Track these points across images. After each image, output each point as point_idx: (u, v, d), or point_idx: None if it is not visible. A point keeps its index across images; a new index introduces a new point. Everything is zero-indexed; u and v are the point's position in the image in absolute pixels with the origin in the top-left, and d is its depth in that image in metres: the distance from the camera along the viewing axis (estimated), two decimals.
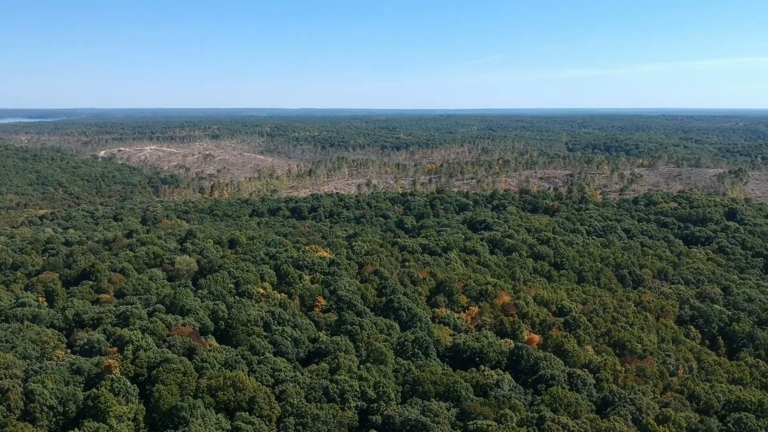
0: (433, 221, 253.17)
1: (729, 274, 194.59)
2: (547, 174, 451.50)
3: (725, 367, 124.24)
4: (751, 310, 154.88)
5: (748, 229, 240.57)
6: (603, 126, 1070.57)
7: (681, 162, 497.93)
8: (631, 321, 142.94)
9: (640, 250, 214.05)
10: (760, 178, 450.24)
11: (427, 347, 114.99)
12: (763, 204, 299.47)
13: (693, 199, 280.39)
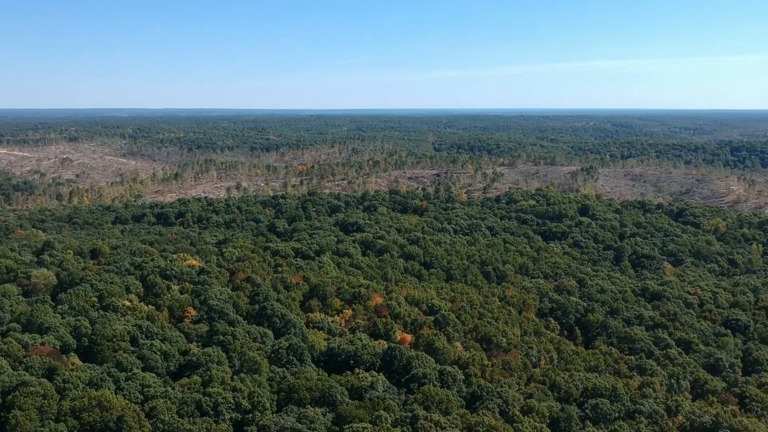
0: (305, 224, 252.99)
1: (583, 267, 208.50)
2: (416, 174, 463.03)
3: (582, 356, 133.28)
4: (603, 300, 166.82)
5: (599, 223, 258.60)
6: (467, 126, 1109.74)
7: (538, 160, 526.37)
8: (496, 316, 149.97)
9: (503, 246, 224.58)
10: (609, 174, 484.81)
11: (301, 353, 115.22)
12: (612, 200, 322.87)
13: (549, 197, 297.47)
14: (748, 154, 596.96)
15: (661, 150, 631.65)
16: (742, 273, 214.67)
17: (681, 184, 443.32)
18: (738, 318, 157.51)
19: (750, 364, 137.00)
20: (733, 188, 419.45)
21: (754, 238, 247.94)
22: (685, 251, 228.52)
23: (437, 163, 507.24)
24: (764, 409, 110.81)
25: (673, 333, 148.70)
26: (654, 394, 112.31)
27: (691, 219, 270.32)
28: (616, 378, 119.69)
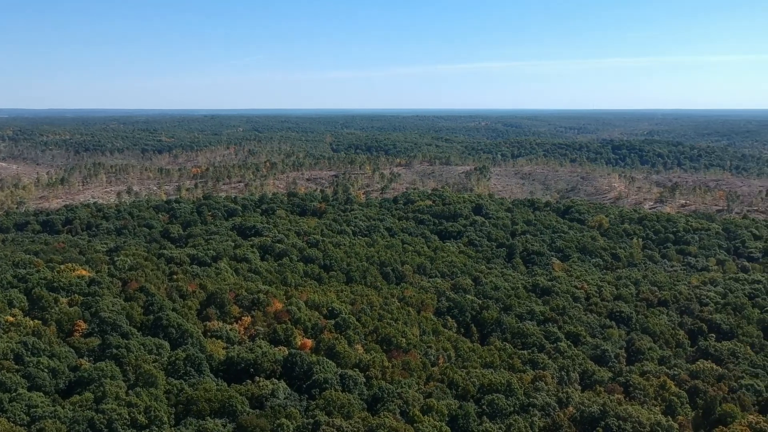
0: (201, 229, 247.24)
1: (478, 265, 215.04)
2: (314, 175, 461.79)
3: (478, 353, 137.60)
4: (497, 297, 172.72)
5: (492, 222, 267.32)
6: (364, 126, 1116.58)
7: (434, 161, 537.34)
8: (395, 317, 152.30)
9: (402, 247, 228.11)
10: (500, 173, 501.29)
11: (199, 364, 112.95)
12: (504, 199, 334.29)
13: (445, 197, 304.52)
14: (628, 152, 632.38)
15: (549, 149, 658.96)
16: (624, 266, 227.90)
17: (567, 182, 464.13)
18: (621, 310, 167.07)
19: (633, 354, 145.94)
20: (614, 185, 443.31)
21: (634, 232, 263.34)
22: (572, 247, 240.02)
23: (335, 164, 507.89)
24: (646, 396, 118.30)
25: (562, 327, 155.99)
26: (546, 387, 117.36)
27: (576, 216, 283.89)
28: (511, 373, 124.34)
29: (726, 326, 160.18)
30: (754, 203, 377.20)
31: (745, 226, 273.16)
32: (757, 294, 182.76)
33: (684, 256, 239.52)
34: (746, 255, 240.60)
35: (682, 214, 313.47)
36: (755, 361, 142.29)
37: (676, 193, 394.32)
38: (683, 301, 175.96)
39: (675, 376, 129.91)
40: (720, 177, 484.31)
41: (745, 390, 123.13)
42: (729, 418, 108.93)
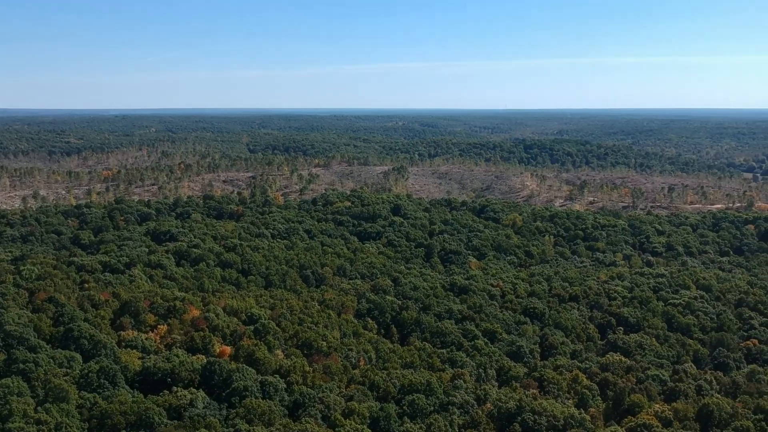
0: (113, 235, 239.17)
1: (397, 266, 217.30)
2: (231, 177, 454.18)
3: (399, 354, 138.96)
4: (416, 297, 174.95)
5: (411, 222, 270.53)
6: (281, 126, 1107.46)
7: (352, 161, 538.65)
8: (316, 320, 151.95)
9: (321, 249, 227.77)
10: (418, 173, 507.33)
11: (114, 376, 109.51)
12: (421, 199, 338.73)
13: (364, 198, 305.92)
14: (540, 152, 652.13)
15: (464, 149, 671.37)
16: (538, 263, 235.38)
17: (482, 181, 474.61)
18: (535, 306, 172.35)
19: (547, 349, 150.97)
20: (527, 184, 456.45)
21: (546, 230, 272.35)
22: (488, 245, 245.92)
23: (252, 165, 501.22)
24: (560, 390, 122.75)
25: (479, 324, 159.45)
26: (465, 385, 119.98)
27: (491, 215, 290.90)
28: (430, 372, 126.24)
29: (633, 319, 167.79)
30: (657, 199, 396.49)
31: (649, 222, 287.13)
32: (661, 287, 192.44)
33: (593, 252, 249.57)
34: (650, 250, 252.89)
35: (590, 212, 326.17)
36: (660, 351, 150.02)
37: (584, 190, 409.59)
38: (593, 296, 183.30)
39: (586, 369, 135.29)
40: (625, 174, 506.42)
41: (651, 380, 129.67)
42: (637, 408, 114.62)
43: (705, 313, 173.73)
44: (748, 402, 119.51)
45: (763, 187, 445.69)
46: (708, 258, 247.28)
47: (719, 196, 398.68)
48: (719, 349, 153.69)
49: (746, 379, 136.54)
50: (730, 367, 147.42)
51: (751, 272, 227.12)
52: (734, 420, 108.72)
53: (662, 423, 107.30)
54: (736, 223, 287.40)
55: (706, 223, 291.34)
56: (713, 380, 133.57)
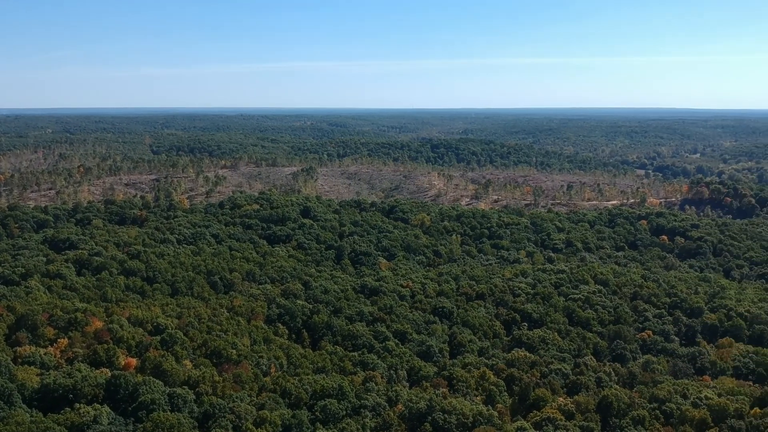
0: (6, 244, 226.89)
1: (308, 269, 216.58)
2: (133, 180, 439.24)
3: (310, 358, 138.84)
4: (327, 301, 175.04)
5: (321, 224, 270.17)
6: (186, 126, 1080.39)
7: (260, 162, 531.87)
8: (225, 328, 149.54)
9: (229, 254, 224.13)
10: (327, 174, 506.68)
11: (9, 395, 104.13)
12: (331, 200, 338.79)
13: (273, 200, 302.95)
14: (446, 151, 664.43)
15: (373, 148, 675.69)
16: (445, 262, 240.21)
17: (391, 181, 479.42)
18: (444, 305, 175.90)
19: (455, 347, 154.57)
20: (434, 183, 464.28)
21: (453, 229, 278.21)
22: (397, 246, 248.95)
23: (156, 167, 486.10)
24: (469, 388, 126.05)
25: (390, 325, 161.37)
26: (376, 387, 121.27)
27: (400, 215, 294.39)
28: (342, 376, 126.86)
29: (536, 315, 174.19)
30: (557, 197, 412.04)
31: (550, 220, 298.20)
32: (562, 283, 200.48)
33: (498, 250, 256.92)
34: (551, 246, 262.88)
35: (495, 210, 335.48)
36: (562, 346, 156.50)
37: (489, 189, 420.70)
38: (498, 294, 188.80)
39: (493, 366, 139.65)
40: (527, 173, 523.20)
41: (554, 374, 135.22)
42: (542, 402, 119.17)
43: (603, 306, 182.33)
44: (643, 391, 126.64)
45: (654, 184, 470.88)
46: (605, 253, 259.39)
47: (614, 193, 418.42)
48: (617, 341, 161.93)
49: (642, 369, 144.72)
50: (627, 358, 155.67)
51: (645, 266, 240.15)
52: (631, 410, 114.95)
53: (565, 416, 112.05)
54: (630, 219, 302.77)
55: (602, 220, 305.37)
56: (612, 372, 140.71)
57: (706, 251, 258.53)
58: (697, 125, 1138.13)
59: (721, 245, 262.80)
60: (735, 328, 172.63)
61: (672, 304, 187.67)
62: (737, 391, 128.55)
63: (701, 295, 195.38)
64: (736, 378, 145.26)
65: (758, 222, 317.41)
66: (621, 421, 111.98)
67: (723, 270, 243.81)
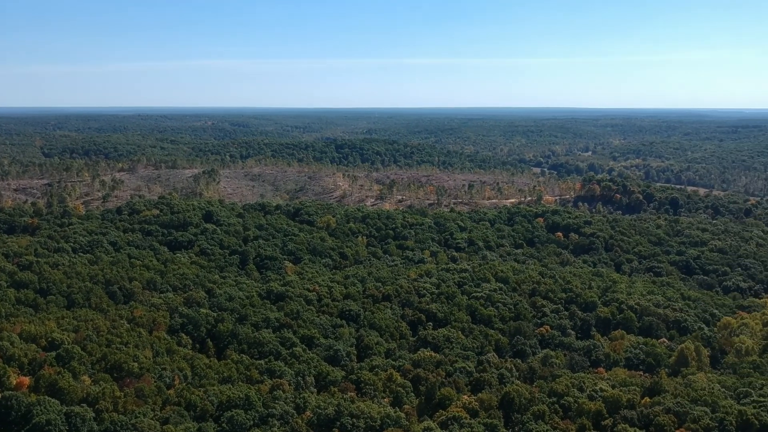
0: None
1: (211, 275, 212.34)
2: (23, 185, 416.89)
3: (215, 368, 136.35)
4: (232, 308, 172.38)
5: (224, 229, 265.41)
6: (80, 127, 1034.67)
7: (159, 164, 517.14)
8: (125, 340, 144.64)
9: (128, 262, 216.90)
10: (230, 175, 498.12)
11: None
12: (235, 203, 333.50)
13: (173, 204, 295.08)
14: (351, 151, 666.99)
15: (277, 149, 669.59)
16: (352, 264, 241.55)
17: (296, 182, 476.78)
18: (351, 308, 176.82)
19: (363, 350, 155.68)
20: (339, 184, 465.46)
21: (359, 231, 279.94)
22: (303, 249, 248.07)
23: (48, 171, 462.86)
24: (376, 391, 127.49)
25: (297, 331, 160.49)
26: (284, 395, 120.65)
27: (306, 217, 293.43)
28: (249, 385, 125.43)
29: (441, 314, 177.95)
30: (459, 196, 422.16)
31: (453, 219, 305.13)
32: (465, 282, 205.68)
33: (403, 251, 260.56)
34: (454, 246, 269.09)
35: (399, 211, 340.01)
36: (466, 344, 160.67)
37: (393, 189, 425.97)
38: (404, 294, 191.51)
39: (400, 367, 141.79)
40: (430, 173, 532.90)
41: (459, 373, 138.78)
42: (447, 401, 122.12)
43: (504, 304, 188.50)
44: (543, 386, 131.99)
45: (550, 182, 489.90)
46: (505, 251, 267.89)
47: (513, 191, 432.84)
48: (517, 337, 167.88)
49: (541, 364, 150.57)
50: (527, 353, 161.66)
51: (542, 262, 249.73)
52: (532, 405, 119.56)
53: (470, 414, 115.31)
54: (528, 217, 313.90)
55: (502, 218, 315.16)
56: (513, 368, 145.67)
57: (598, 247, 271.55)
58: (588, 124, 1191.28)
59: (612, 241, 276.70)
60: (626, 320, 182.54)
61: (568, 299, 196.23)
62: (629, 381, 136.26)
63: (594, 290, 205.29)
64: (628, 368, 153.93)
65: (645, 217, 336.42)
66: (523, 417, 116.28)
67: (614, 264, 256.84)
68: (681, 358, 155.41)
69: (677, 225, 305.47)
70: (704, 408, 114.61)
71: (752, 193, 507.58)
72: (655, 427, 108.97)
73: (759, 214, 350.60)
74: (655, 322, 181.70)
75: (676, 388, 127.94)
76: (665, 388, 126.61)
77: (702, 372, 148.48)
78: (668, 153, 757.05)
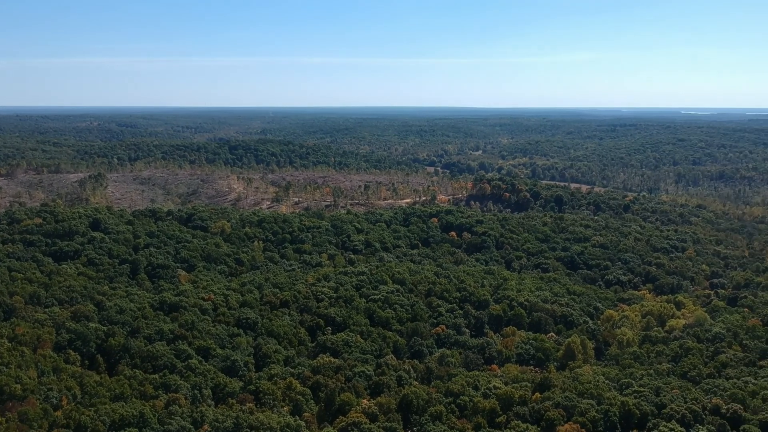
0: None
1: (100, 287, 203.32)
2: None
3: (107, 386, 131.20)
4: (123, 321, 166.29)
5: (113, 237, 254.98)
6: None
7: (41, 168, 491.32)
8: (7, 360, 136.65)
9: (9, 275, 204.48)
10: (118, 180, 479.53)
11: None
12: (124, 210, 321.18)
13: (58, 213, 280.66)
14: (245, 152, 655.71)
15: (167, 151, 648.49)
16: (248, 270, 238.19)
17: (188, 186, 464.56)
18: (248, 317, 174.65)
19: (261, 359, 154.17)
20: (234, 186, 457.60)
21: (255, 235, 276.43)
22: (197, 256, 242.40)
23: None
24: (276, 401, 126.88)
25: (192, 342, 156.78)
26: (180, 410, 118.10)
27: (199, 223, 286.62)
28: (143, 402, 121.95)
29: (339, 318, 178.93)
30: (356, 197, 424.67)
31: (350, 221, 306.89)
32: (363, 284, 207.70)
33: (300, 255, 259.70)
34: (352, 248, 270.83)
35: (296, 213, 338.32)
36: (364, 347, 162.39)
37: (290, 191, 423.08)
38: (302, 300, 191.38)
39: (299, 374, 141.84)
40: (326, 173, 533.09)
41: (358, 377, 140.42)
42: (347, 406, 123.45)
43: (401, 305, 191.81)
44: (440, 386, 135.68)
45: (443, 181, 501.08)
46: (401, 252, 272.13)
47: (408, 192, 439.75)
48: (414, 338, 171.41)
49: (438, 364, 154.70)
50: (424, 353, 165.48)
51: (437, 262, 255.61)
52: (430, 406, 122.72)
53: (369, 418, 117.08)
54: (422, 217, 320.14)
55: (398, 219, 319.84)
56: (411, 369, 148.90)
57: (489, 245, 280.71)
58: (478, 124, 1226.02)
59: (502, 239, 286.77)
60: (517, 317, 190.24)
61: (462, 298, 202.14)
62: (521, 377, 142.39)
63: (487, 288, 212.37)
64: (520, 364, 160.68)
65: (533, 215, 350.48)
66: (421, 418, 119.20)
67: (505, 262, 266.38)
68: (568, 352, 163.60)
69: (562, 222, 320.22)
70: (590, 401, 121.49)
71: (630, 188, 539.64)
72: (546, 421, 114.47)
73: (636, 209, 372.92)
74: (544, 318, 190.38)
75: (564, 382, 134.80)
76: (554, 383, 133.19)
77: (588, 365, 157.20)
78: (553, 152, 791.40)
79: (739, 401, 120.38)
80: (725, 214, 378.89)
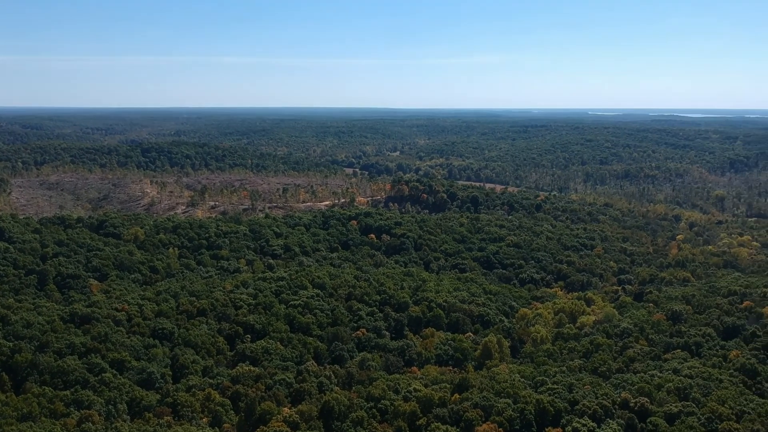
0: None
1: (5, 300, 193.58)
2: None
3: (13, 405, 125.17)
4: (31, 335, 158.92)
5: (18, 246, 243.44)
6: None
7: None
8: None
9: None
10: (23, 185, 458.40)
11: None
12: (30, 217, 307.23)
13: None
14: (158, 155, 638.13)
15: (76, 154, 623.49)
16: (163, 278, 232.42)
17: (99, 190, 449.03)
18: (164, 327, 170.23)
19: (178, 370, 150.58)
20: (147, 191, 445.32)
21: (170, 242, 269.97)
22: (110, 265, 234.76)
23: None
24: (194, 413, 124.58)
25: (106, 355, 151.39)
26: (94, 427, 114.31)
27: (111, 230, 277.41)
28: (53, 420, 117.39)
29: (259, 326, 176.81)
30: (274, 200, 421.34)
31: (268, 225, 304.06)
32: (282, 290, 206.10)
33: (218, 261, 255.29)
34: (271, 253, 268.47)
35: (213, 219, 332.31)
36: (285, 354, 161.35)
37: (206, 195, 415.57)
38: (220, 308, 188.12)
39: (219, 385, 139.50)
40: (243, 176, 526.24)
41: (278, 385, 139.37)
42: (268, 415, 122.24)
43: (321, 310, 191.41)
44: (361, 391, 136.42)
45: (362, 183, 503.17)
46: (321, 255, 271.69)
47: (327, 194, 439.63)
48: (335, 343, 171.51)
49: (358, 368, 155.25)
50: (345, 358, 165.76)
51: (357, 265, 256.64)
52: (351, 411, 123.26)
53: (291, 427, 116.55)
54: (342, 220, 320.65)
55: (317, 222, 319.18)
56: (332, 374, 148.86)
57: (408, 247, 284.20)
58: (396, 125, 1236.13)
59: (420, 240, 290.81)
60: (436, 318, 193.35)
61: (382, 301, 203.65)
62: (440, 378, 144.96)
63: (406, 290, 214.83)
64: (439, 365, 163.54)
65: (450, 216, 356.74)
66: (342, 424, 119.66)
67: (423, 263, 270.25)
68: (485, 351, 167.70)
69: (478, 222, 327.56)
70: (507, 400, 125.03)
71: (541, 188, 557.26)
72: (465, 422, 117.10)
73: (548, 209, 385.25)
74: (462, 318, 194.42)
75: (482, 382, 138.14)
76: (472, 383, 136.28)
77: (504, 363, 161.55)
78: (468, 152, 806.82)
79: (646, 395, 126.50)
80: (631, 211, 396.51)
